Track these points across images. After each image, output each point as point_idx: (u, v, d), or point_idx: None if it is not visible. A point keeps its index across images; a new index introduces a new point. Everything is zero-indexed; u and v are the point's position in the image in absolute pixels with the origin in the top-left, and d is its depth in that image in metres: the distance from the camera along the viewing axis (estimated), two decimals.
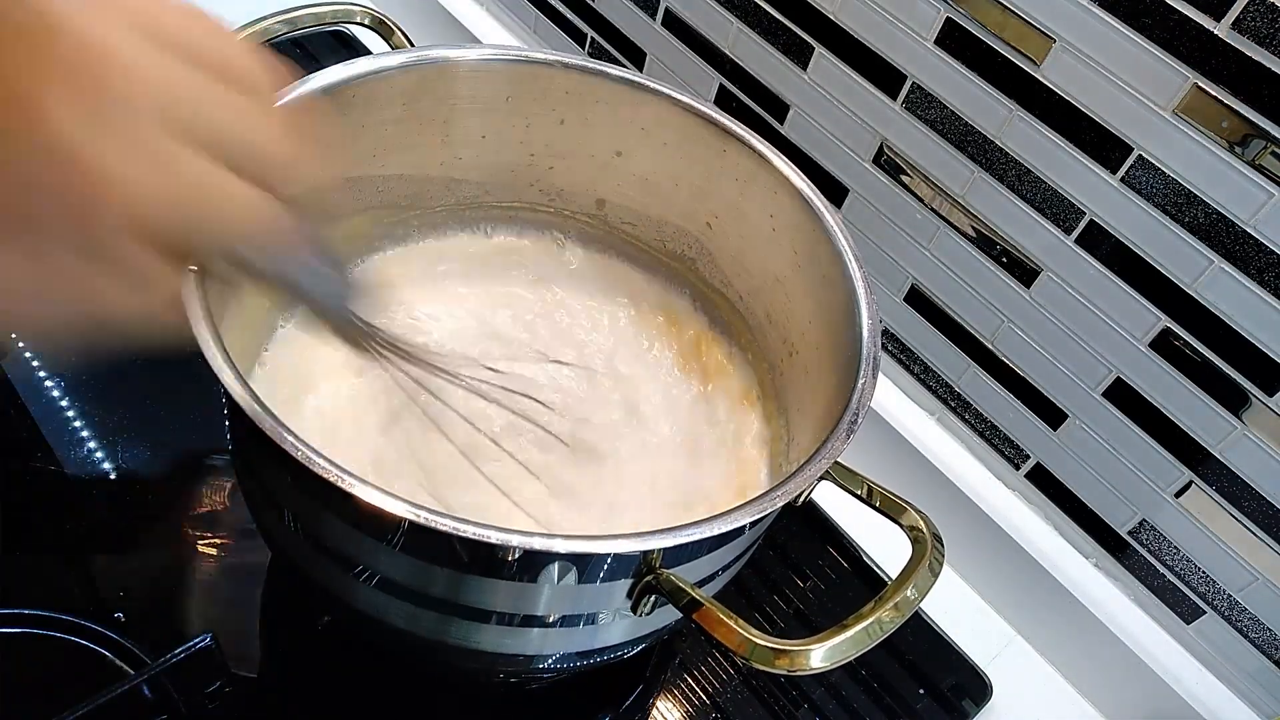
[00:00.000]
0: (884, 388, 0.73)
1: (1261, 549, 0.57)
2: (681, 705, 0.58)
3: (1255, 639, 0.59)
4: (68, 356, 0.64)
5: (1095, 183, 0.56)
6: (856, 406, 0.44)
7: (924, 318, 0.69)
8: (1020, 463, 0.67)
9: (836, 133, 0.69)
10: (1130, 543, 0.63)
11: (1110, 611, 0.63)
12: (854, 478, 0.46)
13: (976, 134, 0.61)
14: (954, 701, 0.62)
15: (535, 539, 0.36)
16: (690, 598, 0.40)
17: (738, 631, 0.39)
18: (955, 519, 0.68)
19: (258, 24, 0.53)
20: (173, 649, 0.49)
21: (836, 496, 0.46)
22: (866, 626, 0.39)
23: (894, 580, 0.41)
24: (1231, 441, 0.56)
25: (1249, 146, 0.50)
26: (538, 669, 0.48)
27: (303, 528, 0.44)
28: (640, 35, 0.80)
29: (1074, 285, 0.60)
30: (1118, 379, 0.60)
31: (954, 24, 0.59)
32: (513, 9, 0.92)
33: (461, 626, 0.43)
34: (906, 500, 0.45)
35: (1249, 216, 0.51)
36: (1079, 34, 0.54)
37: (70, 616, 0.52)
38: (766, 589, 0.64)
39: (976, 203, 0.62)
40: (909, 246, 0.67)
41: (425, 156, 0.59)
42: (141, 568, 0.56)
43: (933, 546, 0.43)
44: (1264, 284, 0.52)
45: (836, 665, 0.39)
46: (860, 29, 0.64)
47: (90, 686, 0.48)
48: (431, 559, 0.40)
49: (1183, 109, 0.52)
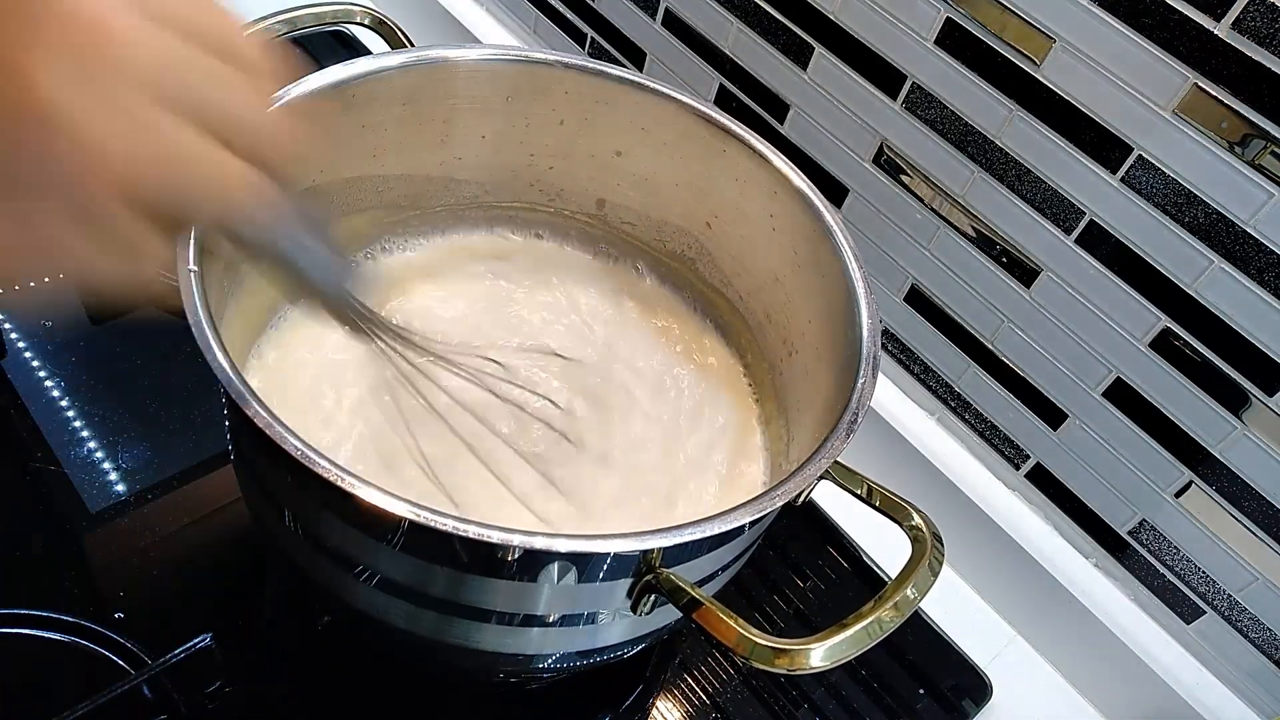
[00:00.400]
0: (884, 387, 0.73)
1: (1261, 549, 0.57)
2: (681, 705, 0.58)
3: (1255, 639, 0.59)
4: (66, 357, 0.64)
5: (1095, 183, 0.56)
6: (856, 406, 0.44)
7: (924, 317, 0.69)
8: (1020, 463, 0.67)
9: (836, 133, 0.69)
10: (1130, 543, 0.63)
11: (1110, 611, 0.63)
12: (854, 477, 0.46)
13: (976, 134, 0.61)
14: (954, 701, 0.62)
15: (537, 539, 0.36)
16: (690, 597, 0.40)
17: (737, 630, 0.39)
18: (955, 519, 0.68)
19: (257, 24, 0.53)
20: (173, 649, 0.49)
21: (836, 496, 0.46)
22: (866, 626, 0.39)
23: (894, 580, 0.41)
24: (1231, 441, 0.56)
25: (1249, 146, 0.50)
26: (538, 669, 0.48)
27: (303, 527, 0.44)
28: (640, 35, 0.80)
29: (1074, 285, 0.60)
30: (1118, 379, 0.60)
31: (954, 24, 0.59)
32: (512, 9, 0.92)
33: (461, 626, 0.43)
34: (907, 500, 0.45)
35: (1249, 216, 0.51)
36: (1079, 34, 0.54)
37: (70, 617, 0.52)
38: (767, 589, 0.64)
39: (976, 203, 0.62)
40: (909, 246, 0.67)
41: (425, 156, 0.59)
42: (141, 567, 0.56)
43: (932, 546, 0.43)
44: (1264, 284, 0.52)
45: (836, 664, 0.39)
46: (860, 29, 0.64)
47: (90, 686, 0.48)
48: (431, 558, 0.40)
49: (1183, 109, 0.52)
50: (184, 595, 0.55)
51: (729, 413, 0.59)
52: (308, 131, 0.35)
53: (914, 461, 0.69)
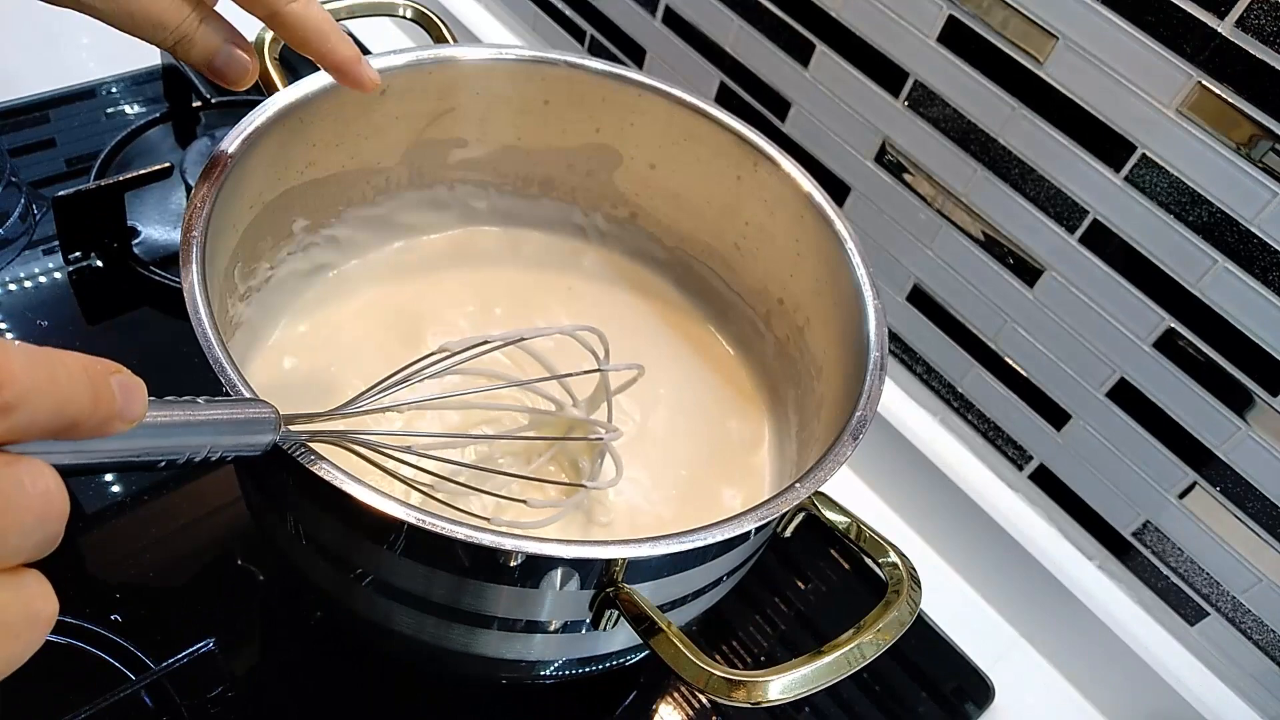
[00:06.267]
0: (886, 388, 0.72)
1: (1265, 550, 0.56)
2: (682, 709, 0.58)
3: (1259, 641, 0.59)
4: None
5: (1099, 181, 0.56)
6: (857, 426, 0.44)
7: (927, 318, 0.68)
8: (1023, 464, 0.67)
9: (838, 131, 0.68)
10: (1134, 544, 0.63)
11: (1113, 613, 0.63)
12: (842, 513, 0.45)
13: (979, 132, 0.60)
14: (956, 704, 0.62)
15: (484, 535, 0.36)
16: (650, 621, 0.39)
17: (694, 663, 0.38)
18: (958, 520, 0.68)
19: None
20: (173, 653, 0.49)
21: (838, 497, 0.46)
22: (830, 661, 0.38)
23: (859, 624, 0.40)
24: (1236, 442, 0.56)
25: (1253, 145, 0.50)
26: (540, 675, 0.48)
27: (305, 531, 0.44)
28: (640, 33, 0.80)
29: (1078, 285, 0.59)
30: (1121, 379, 0.60)
31: (957, 21, 0.59)
32: (512, 6, 0.92)
33: (461, 631, 0.43)
34: (888, 540, 0.44)
35: (1253, 215, 0.51)
36: (1082, 31, 0.54)
37: (68, 618, 0.52)
38: (768, 591, 0.64)
39: (979, 202, 0.62)
40: (911, 246, 0.67)
41: (458, 154, 0.59)
42: (143, 571, 0.55)
43: (909, 588, 0.42)
44: (1268, 283, 0.51)
45: (797, 698, 0.38)
46: (862, 26, 0.64)
47: (91, 691, 0.48)
48: (431, 563, 0.40)
49: (1187, 107, 0.51)
50: (182, 598, 0.55)
51: (741, 425, 0.59)
52: None
53: (917, 462, 0.69)
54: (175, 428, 0.31)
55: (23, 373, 0.23)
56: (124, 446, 0.29)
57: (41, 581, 0.24)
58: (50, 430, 0.24)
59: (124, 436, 0.28)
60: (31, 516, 0.23)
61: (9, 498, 0.23)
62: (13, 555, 0.23)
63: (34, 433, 0.24)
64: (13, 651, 0.24)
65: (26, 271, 0.67)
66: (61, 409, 0.24)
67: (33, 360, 0.23)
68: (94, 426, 0.26)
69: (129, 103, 0.79)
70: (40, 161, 0.73)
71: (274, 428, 0.36)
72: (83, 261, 0.68)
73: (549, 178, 0.62)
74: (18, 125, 0.75)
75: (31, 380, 0.23)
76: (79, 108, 0.78)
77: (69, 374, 0.24)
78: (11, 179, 0.70)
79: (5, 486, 0.23)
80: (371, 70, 0.47)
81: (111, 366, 0.26)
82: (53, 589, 0.25)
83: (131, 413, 0.27)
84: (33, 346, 0.24)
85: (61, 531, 0.24)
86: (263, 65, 0.52)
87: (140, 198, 0.71)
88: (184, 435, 0.31)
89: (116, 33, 0.40)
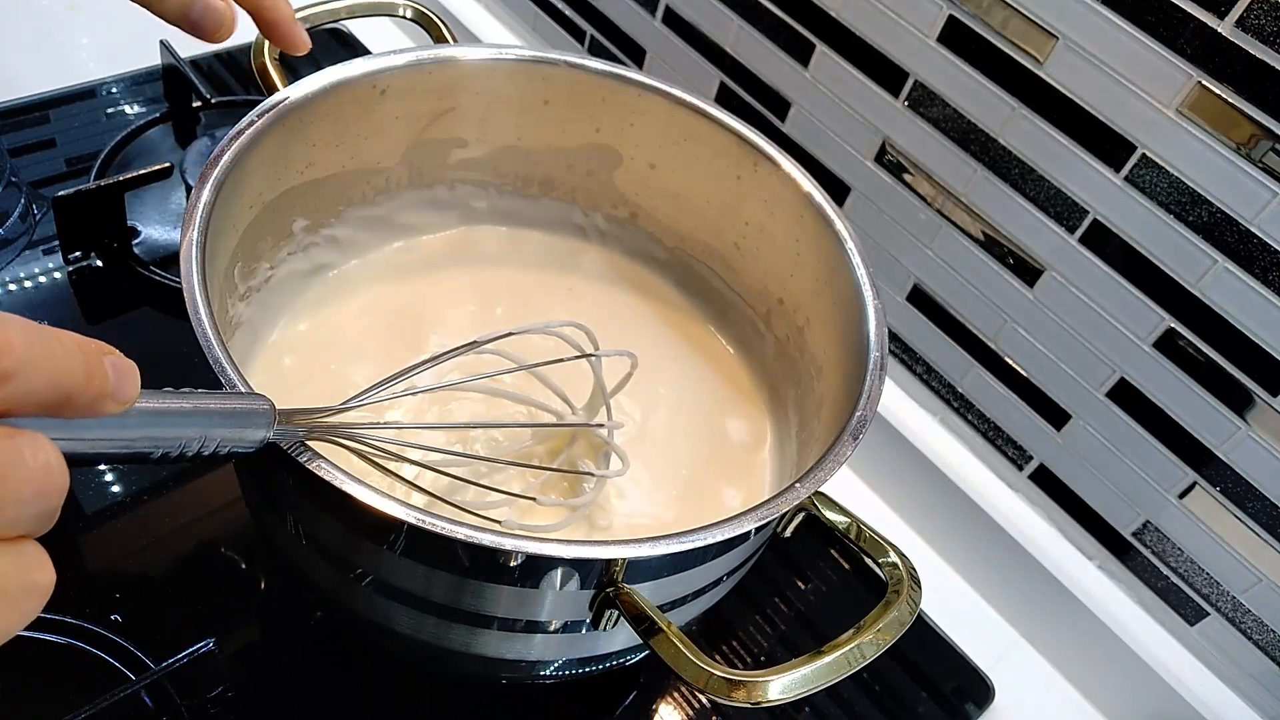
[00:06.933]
0: (886, 388, 0.72)
1: (1265, 550, 0.56)
2: (682, 709, 0.58)
3: (1259, 641, 0.59)
4: None
5: (1099, 181, 0.56)
6: (857, 426, 0.43)
7: (927, 317, 0.68)
8: (1023, 464, 0.67)
9: (838, 131, 0.68)
10: (1134, 544, 0.63)
11: (1113, 613, 0.63)
12: (842, 513, 0.45)
13: (979, 132, 0.60)
14: (956, 704, 0.62)
15: (485, 535, 0.36)
16: (650, 620, 0.39)
17: (694, 663, 0.38)
18: (958, 520, 0.68)
19: (299, 12, 0.52)
20: (174, 653, 0.49)
21: (838, 497, 0.46)
22: (831, 661, 0.38)
23: (859, 624, 0.40)
24: (1236, 442, 0.56)
25: (1253, 145, 0.50)
26: (540, 675, 0.48)
27: (305, 531, 0.44)
28: (640, 32, 0.80)
29: (1078, 285, 0.59)
30: (1121, 379, 0.60)
31: (957, 21, 0.59)
32: (512, 6, 0.92)
33: (461, 631, 0.43)
34: (888, 540, 0.44)
35: (1253, 215, 0.51)
36: (1082, 31, 0.54)
37: (68, 618, 0.52)
38: (768, 591, 0.64)
39: (979, 202, 0.62)
40: (911, 246, 0.67)
41: (458, 154, 0.59)
42: (143, 571, 0.55)
43: (909, 589, 0.42)
44: (1268, 283, 0.51)
45: (797, 698, 0.38)
46: (862, 26, 0.64)
47: (91, 691, 0.48)
48: (431, 563, 0.40)
49: (1187, 107, 0.51)
50: (182, 598, 0.55)
51: (743, 430, 0.59)
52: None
53: (916, 462, 0.69)
54: (168, 415, 0.31)
55: (20, 343, 0.23)
56: (117, 434, 0.29)
57: (39, 551, 0.25)
58: (45, 403, 0.24)
59: (117, 422, 0.28)
60: (30, 489, 0.23)
61: (8, 469, 0.23)
62: (11, 526, 0.24)
63: (30, 404, 0.24)
64: (10, 619, 0.24)
65: (26, 271, 0.67)
66: (57, 382, 0.24)
67: (29, 333, 0.23)
68: (87, 403, 0.25)
69: (129, 103, 0.79)
70: (40, 161, 0.73)
71: (268, 422, 0.35)
72: (83, 261, 0.68)
73: (549, 178, 0.62)
74: (18, 125, 0.75)
75: (28, 351, 0.23)
76: (79, 108, 0.78)
77: (64, 349, 0.24)
78: (11, 179, 0.70)
79: (4, 457, 0.23)
80: (303, 32, 0.48)
81: (105, 347, 0.26)
82: (50, 560, 0.25)
83: (124, 394, 0.27)
84: (29, 321, 0.24)
85: (59, 507, 0.24)
86: (263, 65, 0.52)
87: (140, 198, 0.71)
88: (176, 423, 0.31)
89: (116, 33, 0.40)
